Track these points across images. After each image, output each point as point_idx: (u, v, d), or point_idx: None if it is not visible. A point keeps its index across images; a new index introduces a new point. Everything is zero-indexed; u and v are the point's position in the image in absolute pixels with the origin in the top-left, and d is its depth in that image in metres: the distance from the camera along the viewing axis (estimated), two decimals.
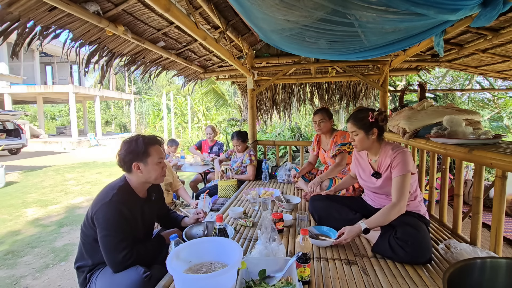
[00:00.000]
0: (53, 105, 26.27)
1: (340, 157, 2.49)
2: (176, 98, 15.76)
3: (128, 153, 1.38)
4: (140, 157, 1.38)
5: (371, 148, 1.66)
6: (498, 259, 0.84)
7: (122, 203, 1.32)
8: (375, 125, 1.60)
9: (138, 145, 1.39)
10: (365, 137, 1.61)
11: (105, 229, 1.27)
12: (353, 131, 1.64)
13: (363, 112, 1.64)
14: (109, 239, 1.27)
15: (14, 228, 3.63)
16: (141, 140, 1.40)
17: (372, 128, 1.60)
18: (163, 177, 1.47)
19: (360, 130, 1.61)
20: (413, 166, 1.53)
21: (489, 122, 7.95)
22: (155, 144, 1.44)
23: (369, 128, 1.60)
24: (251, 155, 3.20)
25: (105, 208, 1.28)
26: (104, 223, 1.27)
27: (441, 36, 1.76)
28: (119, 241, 1.27)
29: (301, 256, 1.16)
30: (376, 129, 1.60)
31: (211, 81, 8.94)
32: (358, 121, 1.62)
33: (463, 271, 0.76)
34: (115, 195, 1.31)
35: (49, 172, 7.48)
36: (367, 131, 1.60)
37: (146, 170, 1.40)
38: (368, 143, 1.63)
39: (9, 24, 1.59)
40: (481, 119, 2.17)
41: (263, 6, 1.33)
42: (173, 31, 2.60)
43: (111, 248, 1.27)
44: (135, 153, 1.38)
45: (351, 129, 1.65)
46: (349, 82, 4.49)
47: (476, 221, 1.56)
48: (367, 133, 1.60)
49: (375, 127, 1.60)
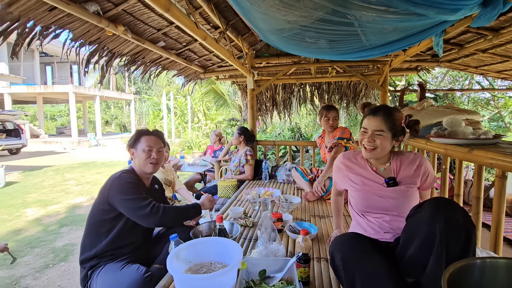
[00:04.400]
0: (53, 105, 26.26)
1: (335, 150, 2.52)
2: (176, 98, 15.75)
3: (129, 141, 1.62)
4: (134, 144, 1.58)
5: (384, 156, 1.35)
6: (498, 259, 0.83)
7: (132, 178, 1.47)
8: (404, 132, 1.33)
9: (136, 134, 1.62)
10: (390, 141, 1.29)
11: (124, 194, 1.37)
12: (379, 130, 1.28)
13: (397, 112, 1.33)
14: (131, 200, 1.37)
15: (14, 228, 3.63)
16: (138, 130, 1.63)
17: (401, 134, 1.31)
18: (152, 166, 1.56)
19: (388, 132, 1.27)
20: None
21: (489, 122, 7.95)
22: (147, 134, 1.60)
23: (399, 133, 1.30)
24: (247, 155, 3.23)
25: (117, 181, 1.42)
26: (121, 190, 1.38)
27: (441, 36, 1.76)
28: (141, 199, 1.38)
29: (301, 256, 1.16)
30: (402, 137, 1.33)
31: (211, 81, 8.95)
32: (391, 120, 1.28)
33: (463, 271, 0.76)
34: (124, 173, 1.48)
35: (49, 172, 7.48)
36: (395, 135, 1.29)
37: (136, 155, 1.56)
38: (388, 149, 1.31)
39: (9, 24, 1.58)
40: (481, 119, 2.17)
41: (263, 6, 1.33)
42: (173, 31, 2.60)
43: (136, 207, 1.36)
44: (131, 140, 1.60)
45: (378, 126, 1.28)
46: (349, 82, 4.49)
47: (476, 221, 1.55)
48: (393, 138, 1.29)
49: (403, 135, 1.33)
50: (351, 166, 1.42)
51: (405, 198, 1.27)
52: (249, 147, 3.37)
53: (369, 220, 1.32)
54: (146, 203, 1.36)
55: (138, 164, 1.55)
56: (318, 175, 2.74)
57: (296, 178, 2.85)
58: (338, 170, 1.48)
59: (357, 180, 1.38)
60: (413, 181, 1.29)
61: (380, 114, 1.28)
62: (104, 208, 1.40)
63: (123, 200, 1.36)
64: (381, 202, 1.29)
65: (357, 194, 1.37)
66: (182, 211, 1.51)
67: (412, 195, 1.29)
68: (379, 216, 1.29)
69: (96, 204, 1.44)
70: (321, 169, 2.92)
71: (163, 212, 1.37)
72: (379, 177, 1.33)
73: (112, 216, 1.40)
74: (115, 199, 1.37)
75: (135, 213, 1.36)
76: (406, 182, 1.29)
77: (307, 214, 2.14)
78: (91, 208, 1.47)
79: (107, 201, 1.38)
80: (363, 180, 1.36)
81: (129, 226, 1.43)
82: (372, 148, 1.28)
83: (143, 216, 1.35)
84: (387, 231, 1.25)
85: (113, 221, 1.41)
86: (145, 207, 1.35)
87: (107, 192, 1.39)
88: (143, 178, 1.59)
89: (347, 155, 1.48)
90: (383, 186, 1.30)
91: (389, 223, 1.26)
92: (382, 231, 1.26)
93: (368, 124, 1.30)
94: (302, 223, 1.79)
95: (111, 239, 1.40)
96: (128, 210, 1.37)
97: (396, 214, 1.27)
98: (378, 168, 1.36)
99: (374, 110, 1.31)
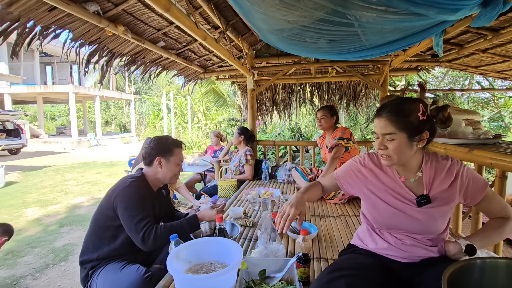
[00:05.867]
0: (53, 105, 26.26)
1: (335, 150, 2.52)
2: (176, 98, 15.76)
3: (156, 147, 1.52)
4: (165, 154, 1.51)
5: (410, 161, 1.04)
6: (498, 259, 0.84)
7: (140, 187, 1.43)
8: (427, 125, 0.99)
9: (166, 143, 1.54)
10: (407, 144, 0.98)
11: (126, 208, 1.34)
12: (388, 134, 0.98)
13: (408, 101, 1.01)
14: (131, 217, 1.34)
15: (14, 228, 3.62)
16: (170, 140, 1.57)
17: (421, 130, 0.98)
18: (176, 179, 1.58)
19: (401, 133, 0.97)
20: None
21: (489, 122, 7.95)
22: (180, 147, 1.57)
23: (416, 130, 0.97)
24: (247, 155, 3.23)
25: (125, 191, 1.38)
26: (125, 202, 1.35)
27: (441, 36, 1.76)
28: (139, 219, 1.34)
29: (301, 256, 1.16)
30: (427, 133, 0.99)
31: (211, 81, 8.95)
32: (401, 117, 0.97)
33: (463, 271, 0.76)
34: (133, 181, 1.42)
35: (49, 172, 7.48)
36: (413, 134, 0.97)
37: (166, 166, 1.51)
38: (410, 154, 1.00)
39: (9, 24, 1.58)
40: (481, 119, 2.16)
41: (263, 6, 1.33)
42: (173, 31, 2.60)
43: (131, 227, 1.34)
44: (162, 149, 1.51)
45: (385, 129, 0.99)
46: (349, 82, 4.49)
47: (476, 221, 1.55)
48: (411, 138, 0.97)
49: (428, 129, 0.99)
50: (375, 171, 1.12)
51: (435, 219, 1.01)
52: (249, 147, 3.37)
53: (385, 236, 1.10)
54: (140, 226, 1.32)
55: (163, 175, 1.52)
56: (318, 175, 2.75)
57: (296, 178, 2.85)
58: (355, 172, 1.16)
59: (380, 192, 1.09)
60: (450, 198, 1.01)
61: (384, 113, 0.99)
62: (109, 214, 1.38)
63: (124, 214, 1.35)
64: (406, 223, 1.04)
65: (376, 209, 1.10)
66: (175, 231, 1.42)
67: (446, 214, 1.03)
68: (399, 237, 1.06)
69: (102, 207, 1.43)
70: (321, 169, 2.92)
71: (153, 239, 1.33)
72: (409, 193, 1.04)
73: (116, 224, 1.38)
74: (118, 209, 1.36)
75: (130, 232, 1.35)
76: (441, 200, 1.01)
77: (307, 214, 2.14)
78: (98, 208, 1.46)
79: (112, 207, 1.37)
80: (389, 193, 1.07)
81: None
82: (386, 156, 1.01)
83: (135, 239, 1.34)
84: (402, 253, 1.05)
85: (117, 229, 1.39)
86: (138, 231, 1.32)
87: (113, 199, 1.37)
88: (153, 184, 1.56)
89: (372, 156, 1.16)
90: (413, 205, 1.03)
91: (409, 247, 1.04)
92: (396, 251, 1.06)
93: (376, 127, 1.03)
94: (303, 223, 1.78)
95: (114, 246, 1.39)
96: (125, 225, 1.36)
97: (420, 238, 1.04)
98: (408, 178, 1.06)
99: (379, 108, 1.05)
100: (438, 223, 1.01)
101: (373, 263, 1.03)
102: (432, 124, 1.01)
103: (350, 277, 0.91)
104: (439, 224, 1.02)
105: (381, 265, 1.03)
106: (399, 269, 1.03)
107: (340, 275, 0.92)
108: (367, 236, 1.15)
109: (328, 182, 1.27)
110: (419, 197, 1.02)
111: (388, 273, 1.01)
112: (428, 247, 1.03)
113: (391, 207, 1.05)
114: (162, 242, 1.35)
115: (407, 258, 1.04)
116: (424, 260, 1.02)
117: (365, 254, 1.11)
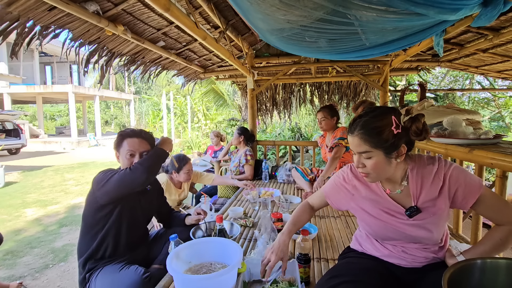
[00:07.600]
0: (53, 105, 26.27)
1: (336, 150, 2.52)
2: (176, 98, 15.75)
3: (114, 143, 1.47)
4: (118, 147, 1.44)
5: (393, 174, 0.98)
6: (498, 259, 0.83)
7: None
8: (402, 138, 0.93)
9: (120, 135, 1.44)
10: (385, 160, 0.93)
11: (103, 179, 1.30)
12: (363, 152, 0.94)
13: (379, 116, 0.93)
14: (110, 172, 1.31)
15: (14, 228, 3.63)
16: (126, 131, 1.45)
17: (398, 145, 0.92)
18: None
19: (376, 150, 0.92)
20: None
21: (489, 122, 7.95)
22: (132, 137, 1.42)
23: (392, 146, 0.92)
24: (247, 155, 3.23)
25: (97, 176, 1.35)
26: (101, 178, 1.31)
27: (441, 36, 1.76)
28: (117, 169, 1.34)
29: (301, 256, 1.16)
30: (404, 146, 0.94)
31: (211, 81, 8.94)
32: (373, 135, 0.91)
33: (464, 271, 0.75)
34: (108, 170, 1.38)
35: (48, 172, 7.48)
36: (389, 150, 0.92)
37: (121, 159, 1.44)
38: (390, 169, 0.95)
39: (8, 23, 1.58)
40: (482, 119, 2.16)
41: (262, 6, 1.33)
42: (173, 30, 2.60)
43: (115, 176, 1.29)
44: (116, 143, 1.44)
45: (359, 148, 0.94)
46: (349, 82, 4.49)
47: (476, 222, 1.55)
48: (388, 154, 0.93)
49: (404, 142, 0.93)
50: (359, 187, 1.07)
51: (430, 230, 0.96)
52: (249, 147, 3.37)
53: (384, 244, 1.07)
54: (122, 170, 1.31)
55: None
56: (319, 175, 2.74)
57: (296, 178, 2.85)
58: (340, 188, 1.12)
59: (368, 207, 1.05)
60: (442, 206, 0.95)
61: (356, 131, 0.94)
62: (95, 207, 1.35)
63: (103, 179, 1.30)
64: (399, 235, 1.00)
65: (368, 224, 1.07)
66: (149, 158, 1.39)
67: (440, 223, 0.97)
68: (399, 245, 1.03)
69: (88, 204, 1.39)
70: (321, 169, 2.92)
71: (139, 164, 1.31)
72: (397, 206, 0.99)
73: (103, 213, 1.36)
74: (99, 188, 1.31)
75: (116, 182, 1.28)
76: (432, 210, 0.95)
77: None
78: (84, 209, 1.42)
79: (94, 195, 1.34)
80: (377, 207, 1.03)
81: (124, 225, 1.40)
82: (366, 173, 0.97)
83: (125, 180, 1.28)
84: (403, 259, 1.02)
85: (106, 217, 1.37)
86: (121, 172, 1.30)
87: (93, 189, 1.34)
88: None
89: (355, 171, 1.10)
90: (403, 218, 0.98)
91: (409, 254, 1.01)
92: (398, 257, 1.03)
93: (350, 144, 0.98)
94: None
95: (105, 238, 1.37)
96: (109, 184, 1.29)
97: (419, 245, 1.01)
98: (393, 190, 1.02)
99: (350, 123, 0.98)
100: (433, 233, 0.96)
101: (374, 268, 1.01)
102: (408, 136, 0.94)
103: (350, 283, 0.90)
104: (435, 234, 0.97)
105: (382, 270, 1.01)
106: (401, 274, 1.01)
107: (340, 281, 0.91)
108: (367, 242, 1.12)
109: (317, 200, 1.24)
110: (408, 210, 0.97)
111: (389, 278, 0.99)
112: (430, 253, 1.00)
113: (382, 221, 1.01)
114: (149, 165, 1.32)
115: (409, 263, 1.01)
116: (427, 266, 1.00)
117: (365, 258, 1.09)
